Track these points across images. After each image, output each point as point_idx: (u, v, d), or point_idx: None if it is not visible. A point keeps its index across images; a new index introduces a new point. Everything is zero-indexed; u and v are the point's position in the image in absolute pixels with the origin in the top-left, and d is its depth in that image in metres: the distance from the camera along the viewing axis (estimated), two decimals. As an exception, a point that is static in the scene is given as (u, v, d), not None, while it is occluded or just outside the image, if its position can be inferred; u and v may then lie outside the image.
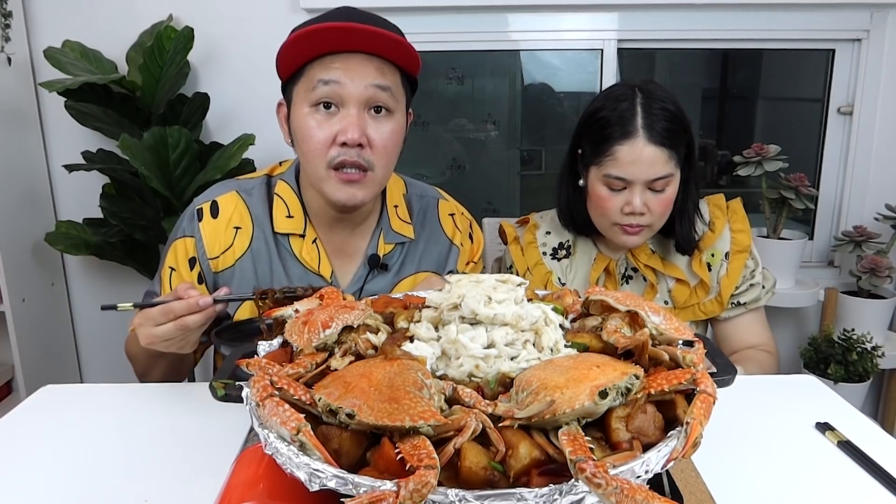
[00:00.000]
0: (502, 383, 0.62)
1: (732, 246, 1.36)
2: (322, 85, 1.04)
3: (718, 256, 1.36)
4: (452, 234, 1.31)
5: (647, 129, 1.20)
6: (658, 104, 1.21)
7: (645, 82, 1.27)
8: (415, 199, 1.31)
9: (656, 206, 1.24)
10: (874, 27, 2.22)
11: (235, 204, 1.20)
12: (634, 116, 1.21)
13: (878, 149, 2.30)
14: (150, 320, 0.94)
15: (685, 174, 1.27)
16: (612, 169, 1.22)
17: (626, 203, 1.24)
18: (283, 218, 1.19)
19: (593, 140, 1.26)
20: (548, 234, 1.44)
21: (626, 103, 1.22)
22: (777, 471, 0.84)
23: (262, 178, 1.24)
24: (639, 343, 0.62)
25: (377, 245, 1.22)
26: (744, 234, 1.36)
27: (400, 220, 1.26)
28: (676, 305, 1.36)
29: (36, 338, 2.23)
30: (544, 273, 1.40)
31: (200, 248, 1.18)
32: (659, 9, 2.23)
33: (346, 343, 0.69)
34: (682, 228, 1.32)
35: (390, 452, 0.51)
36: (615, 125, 1.22)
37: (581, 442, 0.50)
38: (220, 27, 2.21)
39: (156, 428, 0.96)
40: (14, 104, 2.17)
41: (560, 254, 1.42)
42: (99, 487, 0.81)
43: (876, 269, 2.10)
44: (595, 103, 1.28)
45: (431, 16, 2.25)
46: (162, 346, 0.96)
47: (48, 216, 2.34)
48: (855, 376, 2.06)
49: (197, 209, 1.20)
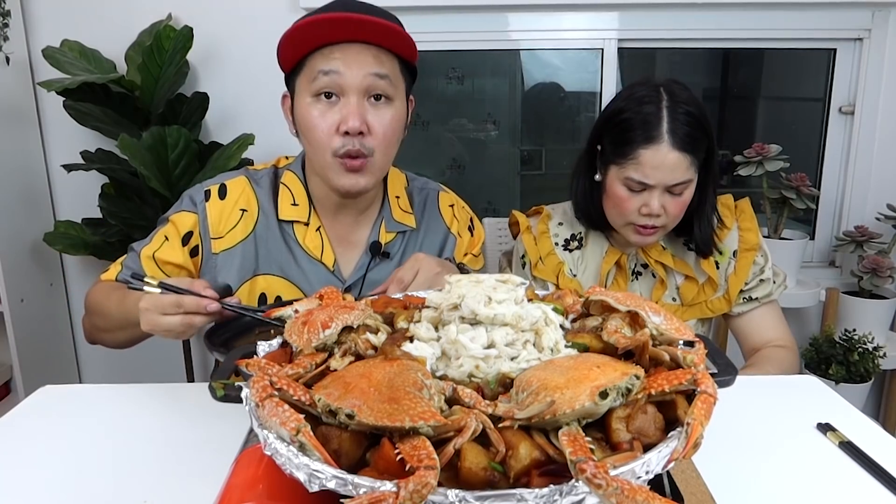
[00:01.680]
0: (502, 384, 0.62)
1: (741, 244, 1.36)
2: (322, 75, 1.07)
3: (727, 255, 1.37)
4: (450, 222, 1.33)
5: (671, 133, 1.19)
6: (682, 108, 1.20)
7: (669, 83, 1.25)
8: (416, 192, 1.33)
9: (673, 209, 1.24)
10: (875, 26, 2.22)
11: (244, 188, 1.22)
12: (660, 121, 1.20)
13: (880, 148, 2.30)
14: (158, 308, 0.93)
15: (703, 177, 1.27)
16: (633, 172, 1.22)
17: (643, 204, 1.24)
18: (288, 206, 1.21)
19: (615, 140, 1.26)
20: (560, 225, 1.44)
21: (651, 106, 1.21)
22: (778, 471, 0.84)
23: (270, 169, 1.27)
24: (639, 343, 0.62)
25: (379, 233, 1.24)
26: (752, 232, 1.37)
27: (401, 210, 1.28)
28: (684, 302, 1.37)
29: (35, 338, 2.23)
30: (556, 263, 1.40)
31: (204, 226, 1.19)
32: (659, 8, 2.23)
33: (346, 343, 0.69)
34: (700, 231, 1.32)
35: (390, 453, 0.50)
36: (639, 128, 1.21)
37: (581, 442, 0.50)
38: (220, 26, 2.21)
39: (155, 428, 0.95)
40: (12, 104, 2.17)
41: (572, 245, 1.42)
42: (98, 487, 0.81)
43: (877, 269, 2.10)
44: (618, 102, 1.28)
45: (431, 16, 2.25)
46: (162, 334, 0.96)
47: (47, 216, 2.33)
48: (856, 377, 2.06)
49: (205, 190, 1.21)
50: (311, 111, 1.10)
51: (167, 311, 0.93)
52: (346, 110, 1.08)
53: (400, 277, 1.04)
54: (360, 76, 1.07)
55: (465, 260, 1.34)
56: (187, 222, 1.19)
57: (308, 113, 1.10)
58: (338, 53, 1.07)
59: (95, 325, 1.19)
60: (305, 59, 1.09)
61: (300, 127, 1.14)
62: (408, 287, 1.03)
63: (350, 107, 1.08)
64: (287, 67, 1.13)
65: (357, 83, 1.07)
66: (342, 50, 1.07)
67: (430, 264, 1.07)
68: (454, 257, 1.31)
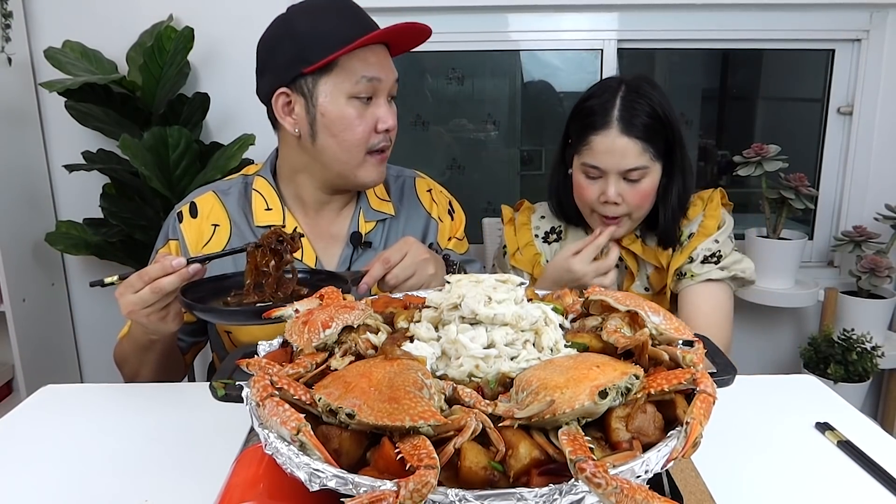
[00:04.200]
0: (502, 383, 0.62)
1: (699, 229, 1.35)
2: (366, 81, 1.12)
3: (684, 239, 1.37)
4: (430, 207, 1.35)
5: (621, 120, 1.24)
6: (640, 98, 1.25)
7: (636, 77, 1.30)
8: (392, 180, 1.36)
9: (631, 197, 1.27)
10: (874, 27, 2.22)
11: (213, 203, 1.25)
12: (612, 108, 1.25)
13: (878, 149, 2.30)
14: (129, 288, 0.97)
15: (668, 169, 1.30)
16: (587, 157, 1.28)
17: (601, 192, 1.28)
18: (262, 211, 1.23)
19: (576, 130, 1.31)
20: (542, 218, 1.49)
21: (607, 95, 1.27)
22: (777, 471, 0.84)
23: (239, 179, 1.29)
24: (639, 343, 0.62)
25: (358, 223, 1.26)
26: (713, 219, 1.36)
27: (378, 198, 1.31)
28: (654, 291, 1.39)
29: (36, 338, 2.23)
30: (533, 254, 1.44)
31: (184, 248, 1.21)
32: (659, 9, 2.23)
33: (346, 343, 0.69)
34: (664, 222, 1.33)
35: (390, 452, 0.51)
36: (596, 115, 1.26)
37: (581, 442, 0.50)
38: (220, 27, 2.21)
39: (156, 428, 0.96)
40: (14, 104, 2.17)
41: (551, 238, 1.47)
42: (99, 487, 0.81)
43: (876, 269, 2.10)
44: (585, 93, 1.33)
45: (431, 16, 2.25)
46: (143, 314, 0.98)
47: (48, 216, 2.33)
48: (855, 376, 2.06)
49: (177, 213, 1.25)
50: (348, 111, 1.12)
51: (136, 286, 0.96)
52: (381, 110, 1.14)
53: (386, 257, 1.06)
54: (391, 81, 1.15)
55: (451, 245, 1.36)
56: (172, 251, 1.22)
57: (345, 113, 1.12)
58: (373, 58, 1.12)
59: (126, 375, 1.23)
60: (338, 60, 1.10)
61: (330, 127, 1.13)
62: (393, 267, 1.05)
63: (384, 107, 1.15)
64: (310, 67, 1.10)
65: (389, 86, 1.15)
66: (375, 54, 1.13)
67: (419, 249, 1.09)
68: (437, 242, 1.33)
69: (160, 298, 0.97)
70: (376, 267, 1.05)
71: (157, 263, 0.97)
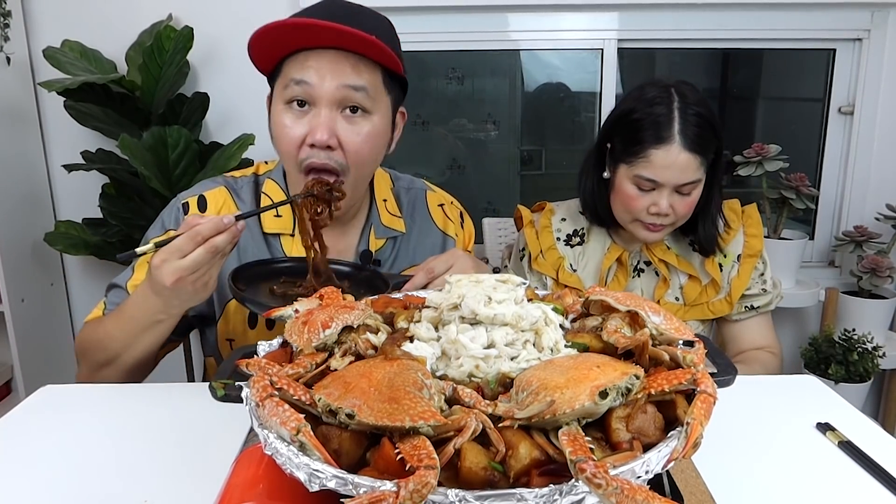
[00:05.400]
0: (502, 383, 0.62)
1: (745, 249, 1.38)
2: (294, 84, 1.01)
3: (731, 258, 1.38)
4: (444, 225, 1.29)
5: (682, 134, 1.22)
6: (693, 109, 1.23)
7: (679, 84, 1.28)
8: (403, 192, 1.29)
9: (681, 208, 1.27)
10: (875, 27, 2.22)
11: (224, 199, 1.18)
12: (671, 122, 1.22)
13: (879, 148, 2.31)
14: (175, 253, 0.87)
15: (710, 177, 1.29)
16: (643, 171, 1.25)
17: (652, 203, 1.26)
18: (271, 218, 1.17)
19: (625, 139, 1.28)
20: (563, 220, 1.46)
21: (661, 107, 1.24)
22: (778, 471, 0.84)
23: (251, 177, 1.22)
24: (639, 343, 0.62)
25: (368, 241, 1.20)
26: (757, 238, 1.39)
27: (390, 214, 1.24)
28: (687, 302, 1.38)
29: (35, 338, 2.23)
30: (556, 258, 1.42)
31: None
32: (659, 9, 2.23)
33: (346, 343, 0.69)
34: (705, 230, 1.34)
35: (390, 452, 0.50)
36: (649, 128, 1.23)
37: (581, 442, 0.50)
38: (220, 27, 2.21)
39: (155, 428, 0.95)
40: (13, 104, 2.17)
41: (573, 241, 1.44)
42: (99, 487, 0.81)
43: (876, 269, 2.10)
44: (628, 102, 1.30)
45: (431, 16, 2.25)
46: (190, 280, 0.89)
47: (47, 216, 2.34)
48: (856, 376, 2.06)
49: (183, 203, 1.17)
50: (281, 119, 1.04)
51: (186, 249, 0.87)
52: (315, 122, 1.01)
53: (430, 267, 1.01)
54: (332, 87, 1.00)
55: None
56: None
57: (279, 121, 1.04)
58: (312, 61, 1.00)
59: (96, 362, 1.10)
60: (283, 63, 1.04)
61: (272, 134, 1.08)
62: (436, 278, 1.00)
63: (319, 118, 1.01)
64: (265, 69, 1.08)
65: (329, 94, 1.01)
66: (317, 57, 1.00)
67: (465, 263, 1.03)
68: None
69: (214, 260, 0.88)
70: (420, 275, 1.00)
71: (208, 221, 0.86)
